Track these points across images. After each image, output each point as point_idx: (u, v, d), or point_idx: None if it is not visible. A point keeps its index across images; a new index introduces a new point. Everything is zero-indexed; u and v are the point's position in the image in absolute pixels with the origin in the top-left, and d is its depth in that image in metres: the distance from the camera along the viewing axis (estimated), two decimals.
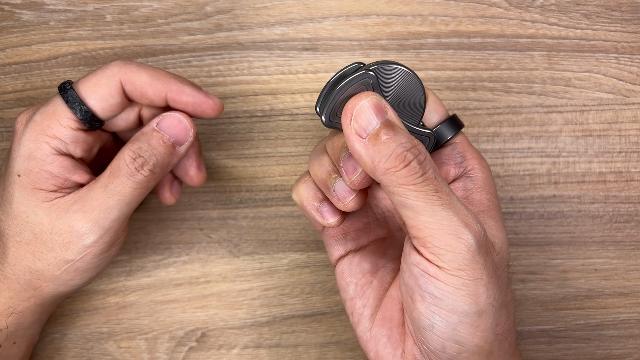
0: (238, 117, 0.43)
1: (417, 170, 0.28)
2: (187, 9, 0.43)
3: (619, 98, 0.43)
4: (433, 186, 0.28)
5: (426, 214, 0.28)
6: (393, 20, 0.43)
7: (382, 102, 0.29)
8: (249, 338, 0.44)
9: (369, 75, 0.29)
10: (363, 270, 0.35)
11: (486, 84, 0.43)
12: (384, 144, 0.28)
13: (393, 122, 0.29)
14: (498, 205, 0.33)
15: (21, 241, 0.34)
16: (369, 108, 0.28)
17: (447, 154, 0.34)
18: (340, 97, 0.30)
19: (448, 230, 0.28)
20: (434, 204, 0.28)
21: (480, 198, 0.32)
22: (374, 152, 0.28)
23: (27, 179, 0.33)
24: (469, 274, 0.28)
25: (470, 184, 0.33)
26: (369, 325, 0.34)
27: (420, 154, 0.28)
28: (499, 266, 0.30)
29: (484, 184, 0.33)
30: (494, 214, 0.32)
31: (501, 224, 0.32)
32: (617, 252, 0.44)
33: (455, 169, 0.33)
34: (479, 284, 0.28)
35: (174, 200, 0.40)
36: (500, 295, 0.29)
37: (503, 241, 0.31)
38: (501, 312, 0.29)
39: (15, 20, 0.43)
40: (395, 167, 0.28)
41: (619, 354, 0.44)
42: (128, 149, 0.33)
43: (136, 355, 0.43)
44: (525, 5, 0.43)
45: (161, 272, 0.44)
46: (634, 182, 0.44)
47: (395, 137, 0.28)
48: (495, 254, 0.30)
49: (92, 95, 0.33)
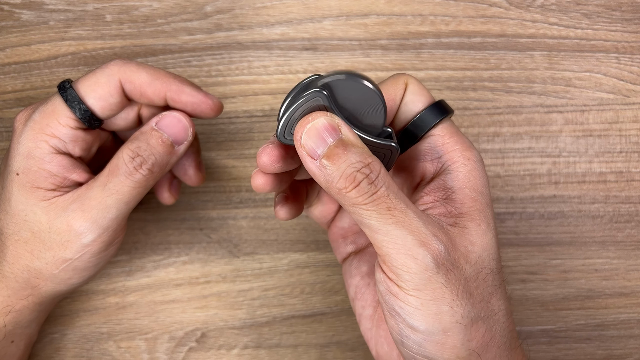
0: (238, 117, 0.43)
1: (366, 190, 0.27)
2: (187, 9, 0.43)
3: (620, 98, 0.43)
4: (385, 205, 0.27)
5: (381, 232, 0.27)
6: (393, 20, 0.43)
7: (333, 120, 0.28)
8: (249, 338, 0.43)
9: (321, 94, 0.28)
10: (361, 273, 0.35)
11: (486, 83, 0.43)
12: (334, 165, 0.27)
13: (345, 140, 0.28)
14: (485, 202, 0.30)
15: (19, 240, 0.33)
16: (317, 130, 0.28)
17: (423, 148, 0.32)
18: (292, 117, 0.29)
19: (403, 249, 0.27)
20: (387, 223, 0.27)
21: (461, 197, 0.30)
22: (324, 173, 0.28)
23: (26, 178, 0.33)
24: (428, 294, 0.27)
25: (450, 182, 0.30)
26: (369, 325, 0.34)
27: (371, 172, 0.27)
28: (474, 278, 0.28)
29: (467, 180, 0.30)
30: (476, 216, 0.29)
31: (485, 227, 0.29)
32: (618, 252, 0.44)
33: (432, 165, 0.31)
34: (441, 303, 0.27)
35: (173, 200, 0.40)
36: (472, 310, 0.28)
37: (485, 246, 0.29)
38: (475, 327, 0.28)
39: (15, 20, 0.43)
40: (345, 188, 0.27)
41: (619, 354, 0.43)
42: (127, 148, 0.33)
43: (136, 355, 0.43)
44: (525, 5, 0.43)
45: (161, 272, 0.44)
46: (635, 182, 0.44)
47: (346, 156, 0.27)
48: (468, 266, 0.28)
49: (91, 94, 0.33)
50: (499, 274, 0.30)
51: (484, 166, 0.31)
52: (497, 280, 0.30)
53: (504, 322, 0.30)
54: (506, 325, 0.30)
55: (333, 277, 0.44)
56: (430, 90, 0.43)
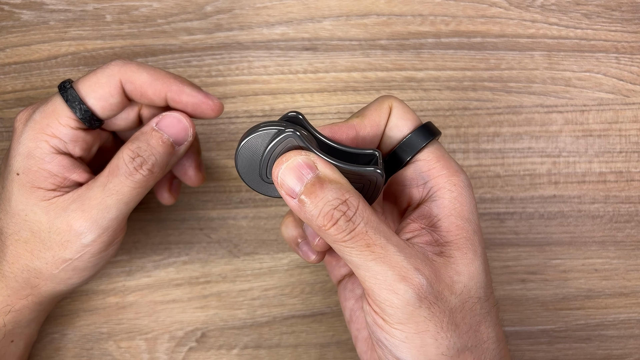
0: (238, 117, 0.43)
1: (344, 228, 0.27)
2: (187, 9, 0.43)
3: (619, 98, 0.43)
4: (364, 241, 0.27)
5: (362, 268, 0.27)
6: (393, 20, 0.43)
7: (309, 158, 0.28)
8: (249, 338, 0.43)
9: (294, 135, 0.28)
10: (355, 296, 0.35)
11: (486, 83, 0.43)
12: (312, 203, 0.27)
13: (322, 177, 0.28)
14: (471, 229, 0.30)
15: (19, 239, 0.34)
16: (293, 169, 0.28)
17: (409, 174, 0.31)
18: (269, 157, 0.29)
19: (384, 285, 0.27)
20: (367, 259, 0.27)
21: (447, 225, 0.29)
22: (304, 211, 0.28)
23: (26, 178, 0.33)
24: (412, 327, 0.27)
25: (435, 209, 0.30)
26: (364, 347, 0.35)
27: (349, 208, 0.27)
28: (460, 308, 0.28)
29: (452, 207, 0.30)
30: (462, 245, 0.29)
31: (471, 255, 0.29)
32: (618, 252, 0.44)
33: (418, 191, 0.31)
34: (425, 336, 0.27)
35: (173, 200, 0.40)
36: (459, 340, 0.28)
37: (472, 275, 0.29)
38: (462, 357, 0.28)
39: (15, 20, 0.43)
40: (324, 226, 0.27)
41: (619, 354, 0.43)
42: (127, 148, 0.33)
43: (136, 355, 0.43)
44: (525, 5, 0.43)
45: (161, 272, 0.44)
46: (634, 182, 0.44)
47: (323, 194, 0.27)
48: (453, 297, 0.28)
49: (91, 94, 0.33)
50: (487, 301, 0.29)
51: (471, 191, 0.31)
52: (486, 307, 0.29)
53: (493, 350, 0.29)
54: (496, 352, 0.30)
55: None
56: (430, 90, 0.43)
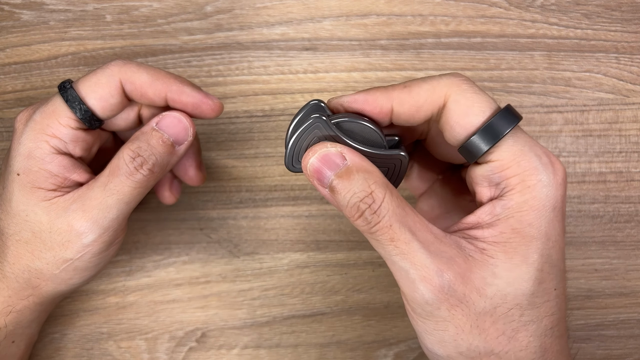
0: (238, 117, 0.43)
1: (369, 221, 0.27)
2: (187, 9, 0.43)
3: (619, 98, 0.43)
4: (388, 235, 0.27)
5: (388, 261, 0.28)
6: (393, 20, 0.43)
7: (337, 149, 0.29)
8: (249, 338, 0.43)
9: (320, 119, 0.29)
10: None
11: (486, 83, 0.43)
12: (339, 194, 0.28)
13: (350, 167, 0.28)
14: (531, 235, 0.28)
15: (20, 240, 0.34)
16: (322, 159, 0.29)
17: (481, 173, 0.29)
18: (298, 146, 0.30)
19: (405, 281, 0.28)
20: (391, 254, 0.28)
21: (503, 228, 0.28)
22: (335, 201, 0.29)
23: (27, 178, 0.33)
24: (431, 325, 0.28)
25: (499, 209, 0.28)
26: None
27: (374, 201, 0.27)
28: (490, 312, 0.27)
29: (517, 209, 0.28)
30: (510, 248, 0.28)
31: (518, 260, 0.27)
32: (617, 252, 0.44)
33: (490, 191, 0.29)
34: (444, 334, 0.28)
35: (174, 200, 0.40)
36: (483, 344, 0.28)
37: (512, 281, 0.27)
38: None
39: (15, 20, 0.43)
40: (352, 217, 0.28)
41: (619, 354, 0.43)
42: (127, 148, 0.33)
43: (136, 355, 0.43)
44: (525, 5, 0.43)
45: (161, 272, 0.44)
46: (634, 182, 0.44)
47: (350, 185, 0.28)
48: (482, 300, 0.27)
49: (92, 94, 0.33)
50: (533, 309, 0.28)
51: (554, 190, 0.28)
52: (529, 316, 0.28)
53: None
54: None
55: (333, 277, 0.44)
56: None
